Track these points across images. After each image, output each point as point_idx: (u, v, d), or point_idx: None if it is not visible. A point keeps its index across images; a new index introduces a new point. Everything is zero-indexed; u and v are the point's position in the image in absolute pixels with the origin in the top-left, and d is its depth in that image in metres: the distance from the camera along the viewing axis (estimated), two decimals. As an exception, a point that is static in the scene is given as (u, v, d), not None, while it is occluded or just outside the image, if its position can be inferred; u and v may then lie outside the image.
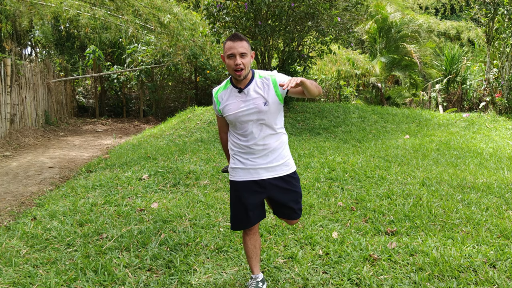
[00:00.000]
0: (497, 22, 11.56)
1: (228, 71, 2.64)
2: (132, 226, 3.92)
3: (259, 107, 2.63)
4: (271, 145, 2.71)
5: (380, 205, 4.45)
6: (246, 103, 2.65)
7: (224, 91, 2.75)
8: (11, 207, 4.81)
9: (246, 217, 2.80)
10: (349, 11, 9.87)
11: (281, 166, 2.76)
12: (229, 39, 2.60)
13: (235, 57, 2.57)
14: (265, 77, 2.70)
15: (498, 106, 11.45)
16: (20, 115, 9.87)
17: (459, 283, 2.96)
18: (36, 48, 18.00)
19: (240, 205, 2.79)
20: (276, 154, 2.74)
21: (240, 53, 2.56)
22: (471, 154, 6.99)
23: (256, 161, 2.72)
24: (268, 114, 2.66)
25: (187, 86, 15.36)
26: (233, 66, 2.58)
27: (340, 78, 15.07)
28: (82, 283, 2.95)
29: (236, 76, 2.61)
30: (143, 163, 6.18)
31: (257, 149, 2.70)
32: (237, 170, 2.77)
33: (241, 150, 2.74)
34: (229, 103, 2.69)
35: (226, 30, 9.23)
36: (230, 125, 2.78)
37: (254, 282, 2.90)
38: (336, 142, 7.92)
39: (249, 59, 2.61)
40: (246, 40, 2.61)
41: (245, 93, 2.66)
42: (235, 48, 2.55)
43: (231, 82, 2.73)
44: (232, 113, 2.68)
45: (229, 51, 2.57)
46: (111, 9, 11.04)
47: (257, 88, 2.67)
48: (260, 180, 2.73)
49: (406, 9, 18.87)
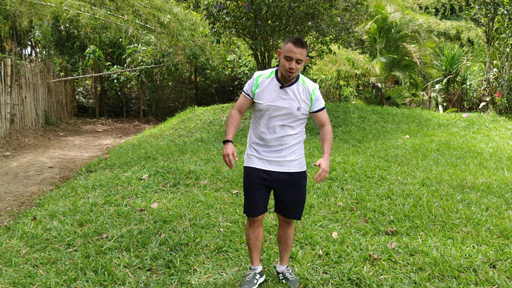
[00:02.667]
0: (497, 22, 11.55)
1: (281, 68, 2.78)
2: (132, 226, 3.92)
3: (292, 109, 2.79)
4: (288, 143, 2.84)
5: (380, 205, 4.45)
6: (283, 101, 2.79)
7: (266, 79, 2.86)
8: (11, 207, 4.81)
9: (253, 205, 2.91)
10: (349, 11, 9.87)
11: (293, 162, 2.86)
12: (291, 41, 2.71)
13: (292, 61, 2.70)
14: (307, 86, 2.85)
15: (498, 106, 11.45)
16: (20, 115, 9.87)
17: (459, 283, 2.96)
18: (36, 48, 18.00)
19: (250, 192, 2.90)
20: (291, 151, 2.85)
21: (297, 59, 2.70)
22: (471, 154, 6.99)
23: (271, 154, 2.83)
24: (296, 118, 2.82)
25: (187, 86, 15.36)
26: (287, 67, 2.71)
27: (340, 78, 15.06)
28: (82, 283, 2.95)
29: (286, 75, 2.75)
30: (143, 163, 6.18)
31: (274, 144, 2.82)
32: (252, 158, 2.89)
33: (259, 142, 2.86)
34: (266, 93, 2.82)
35: (226, 30, 9.23)
36: (257, 115, 2.89)
37: (252, 273, 2.99)
38: (336, 142, 7.92)
39: (302, 65, 2.76)
40: (306, 48, 2.74)
41: (286, 91, 2.80)
42: (294, 53, 2.68)
43: (276, 74, 2.85)
44: (266, 102, 2.80)
45: (288, 53, 2.69)
46: (111, 9, 11.04)
47: (297, 92, 2.82)
48: (271, 171, 2.84)
49: (406, 9, 18.86)
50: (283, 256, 3.04)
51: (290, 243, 3.01)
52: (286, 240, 3.00)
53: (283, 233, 3.00)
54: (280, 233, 3.02)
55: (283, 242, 3.01)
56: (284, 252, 3.03)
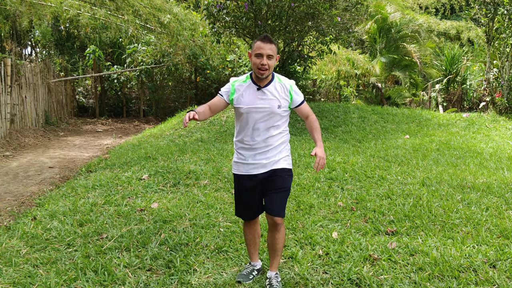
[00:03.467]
0: (497, 22, 11.55)
1: (252, 68, 2.83)
2: (132, 226, 3.92)
3: (272, 108, 2.80)
4: (273, 143, 2.85)
5: (380, 205, 4.45)
6: (262, 101, 2.81)
7: (242, 84, 2.88)
8: (11, 207, 4.81)
9: (244, 210, 3.00)
10: (349, 11, 9.87)
11: (279, 160, 2.88)
12: (259, 39, 2.76)
13: (262, 57, 2.73)
14: (284, 83, 2.88)
15: (498, 106, 11.45)
16: (20, 115, 9.87)
17: (459, 283, 2.96)
18: (36, 48, 18.00)
19: (239, 198, 3.00)
20: (276, 151, 2.87)
21: (267, 54, 2.73)
22: (471, 154, 6.99)
23: (257, 157, 2.85)
24: (278, 116, 2.84)
25: (187, 86, 15.36)
26: (258, 65, 2.74)
27: (340, 78, 15.06)
28: (82, 283, 2.95)
29: (258, 74, 2.77)
30: (143, 163, 6.18)
31: (259, 146, 2.84)
32: (239, 164, 2.93)
33: (244, 146, 2.88)
34: (245, 96, 2.84)
35: (226, 30, 9.23)
36: (239, 120, 2.89)
37: (250, 267, 3.07)
38: (336, 142, 7.93)
39: (274, 61, 2.78)
40: (275, 44, 2.77)
41: (264, 92, 2.82)
42: (263, 49, 2.72)
43: (251, 77, 2.87)
44: (246, 106, 2.82)
45: (257, 50, 2.74)
46: (111, 9, 11.04)
47: (275, 90, 2.84)
48: (259, 174, 2.87)
49: (406, 9, 18.86)
50: (271, 262, 3.00)
51: (278, 248, 2.94)
52: (274, 245, 2.93)
53: (272, 238, 2.94)
54: (268, 238, 2.97)
55: (271, 247, 2.96)
56: (273, 258, 2.98)
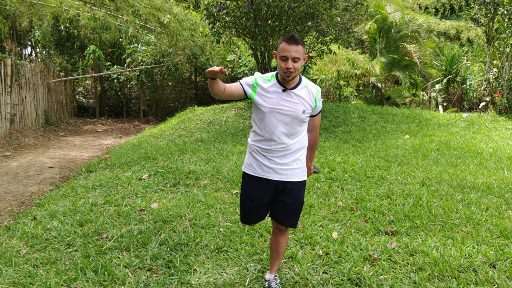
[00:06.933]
0: (497, 22, 11.55)
1: (278, 70, 2.68)
2: (132, 226, 3.92)
3: (297, 112, 2.68)
4: (292, 148, 2.73)
5: (380, 205, 4.45)
6: (287, 104, 2.68)
7: (266, 82, 2.73)
8: (11, 207, 4.81)
9: (249, 213, 2.88)
10: (349, 11, 9.87)
11: (295, 170, 2.76)
12: (285, 40, 2.60)
13: (288, 61, 2.58)
14: (311, 88, 2.76)
15: (498, 106, 11.45)
16: (20, 115, 9.87)
17: (459, 283, 2.96)
18: (36, 48, 17.99)
19: (247, 200, 2.85)
20: (295, 157, 2.75)
21: (293, 57, 2.58)
22: (471, 154, 6.99)
23: (274, 160, 2.73)
24: (300, 121, 2.72)
25: (187, 86, 15.36)
26: (284, 68, 2.60)
27: (340, 78, 15.06)
28: (82, 283, 2.95)
29: (284, 76, 2.63)
30: (143, 163, 6.18)
31: (278, 148, 2.71)
32: (253, 165, 2.80)
33: (262, 147, 2.74)
34: (270, 96, 2.69)
35: (226, 30, 9.23)
36: (259, 120, 2.75)
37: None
38: (336, 142, 7.93)
39: (301, 63, 2.62)
40: (302, 44, 2.60)
41: (290, 94, 2.69)
42: (289, 52, 2.57)
43: (276, 77, 2.73)
44: (270, 106, 2.67)
45: (283, 52, 2.59)
46: (111, 10, 11.04)
47: (301, 95, 2.71)
48: (271, 180, 2.75)
49: (406, 9, 18.87)
50: (272, 265, 2.96)
51: (281, 252, 2.91)
52: (277, 248, 2.90)
53: (275, 241, 2.89)
54: (272, 241, 2.93)
55: (274, 250, 2.92)
56: (274, 261, 2.94)
